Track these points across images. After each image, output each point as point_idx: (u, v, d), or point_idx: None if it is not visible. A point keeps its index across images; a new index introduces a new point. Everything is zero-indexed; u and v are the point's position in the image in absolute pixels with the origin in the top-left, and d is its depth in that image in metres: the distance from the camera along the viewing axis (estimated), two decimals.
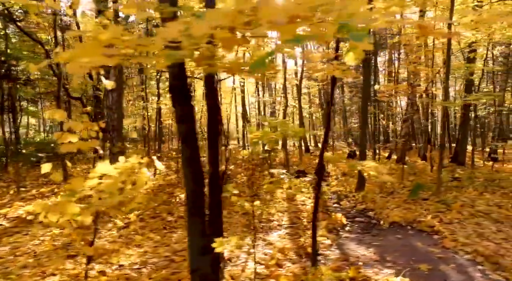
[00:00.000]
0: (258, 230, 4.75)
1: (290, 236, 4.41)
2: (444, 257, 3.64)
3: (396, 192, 6.77)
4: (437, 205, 5.47)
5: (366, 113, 6.76)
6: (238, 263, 3.54)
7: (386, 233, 4.53)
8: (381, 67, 21.78)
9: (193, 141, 1.84)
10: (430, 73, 8.80)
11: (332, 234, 4.48)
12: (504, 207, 5.35)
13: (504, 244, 3.97)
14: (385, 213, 5.18)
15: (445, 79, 5.78)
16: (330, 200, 6.50)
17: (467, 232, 4.34)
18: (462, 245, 3.87)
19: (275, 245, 4.02)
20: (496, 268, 3.36)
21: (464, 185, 7.59)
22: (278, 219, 5.21)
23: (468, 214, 4.98)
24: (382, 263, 3.46)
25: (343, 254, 3.73)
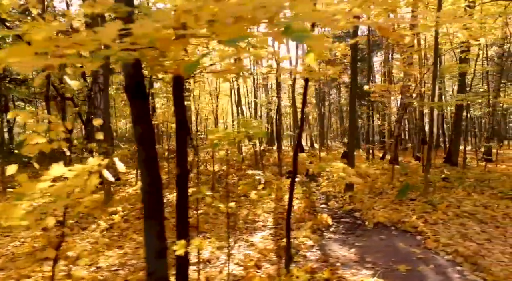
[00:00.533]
0: (242, 231, 4.74)
1: (273, 237, 4.40)
2: (425, 257, 3.64)
3: (385, 193, 6.78)
4: (423, 206, 5.48)
5: (354, 113, 6.76)
6: (217, 264, 3.52)
7: (370, 233, 4.53)
8: (378, 67, 21.83)
9: (149, 142, 1.82)
10: (419, 73, 8.81)
11: (316, 234, 4.47)
12: (490, 207, 5.37)
13: (486, 244, 3.98)
14: (371, 214, 5.18)
15: (433, 79, 5.79)
16: (318, 201, 6.50)
17: (451, 233, 4.34)
18: (443, 245, 3.87)
19: (257, 246, 4.01)
20: (475, 268, 3.36)
21: (454, 185, 7.61)
22: (263, 219, 5.20)
23: (453, 215, 4.99)
24: (361, 264, 3.46)
25: (324, 255, 3.72)
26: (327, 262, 3.50)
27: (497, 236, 4.26)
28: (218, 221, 5.18)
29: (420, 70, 8.64)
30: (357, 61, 6.39)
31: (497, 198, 6.26)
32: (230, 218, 5.30)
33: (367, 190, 7.16)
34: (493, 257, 3.60)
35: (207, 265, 3.50)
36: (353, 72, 6.56)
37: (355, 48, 6.38)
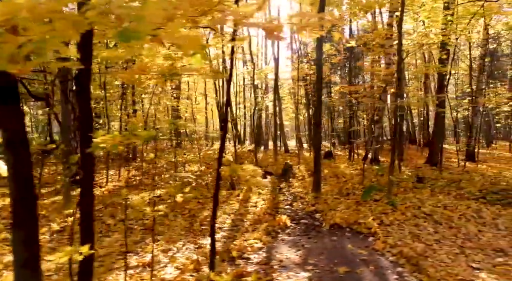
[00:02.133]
0: (196, 233, 4.72)
1: (226, 239, 4.39)
2: (369, 259, 3.66)
3: (353, 193, 6.82)
4: (385, 207, 5.52)
5: (319, 112, 6.78)
6: (156, 268, 3.49)
7: (323, 235, 4.55)
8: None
9: (19, 146, 1.77)
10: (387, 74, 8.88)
11: (269, 236, 4.47)
12: (450, 208, 5.43)
13: (435, 245, 4.02)
14: (330, 215, 5.20)
15: (396, 80, 5.84)
16: (284, 201, 6.50)
17: (403, 234, 4.38)
18: (390, 247, 3.90)
19: (205, 249, 3.98)
20: (415, 269, 3.39)
21: (425, 186, 7.69)
22: (221, 221, 5.17)
23: (411, 216, 5.03)
24: (302, 266, 3.46)
25: (268, 257, 3.72)
26: (267, 264, 3.50)
27: (448, 236, 4.31)
28: (176, 223, 5.14)
29: (388, 71, 8.72)
30: (320, 62, 6.41)
31: (463, 198, 6.35)
32: (190, 220, 5.28)
33: (337, 190, 7.20)
34: (438, 258, 3.64)
35: (145, 269, 3.46)
36: (318, 72, 6.59)
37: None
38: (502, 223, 4.80)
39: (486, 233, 4.44)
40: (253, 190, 7.37)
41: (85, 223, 2.20)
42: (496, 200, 6.33)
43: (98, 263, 3.64)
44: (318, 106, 6.70)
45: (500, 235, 4.42)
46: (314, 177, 6.89)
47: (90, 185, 2.22)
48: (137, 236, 4.59)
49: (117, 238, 4.47)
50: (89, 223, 2.23)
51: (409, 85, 22.16)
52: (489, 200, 6.31)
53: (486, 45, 14.40)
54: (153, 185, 7.29)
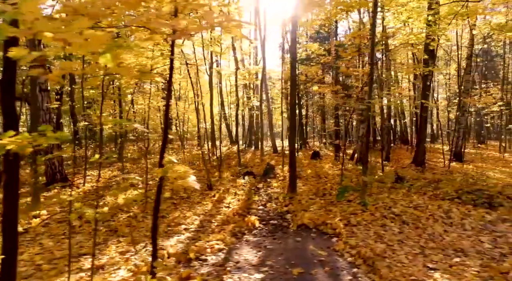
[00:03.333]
0: (161, 234, 4.68)
1: (189, 240, 4.36)
2: (327, 260, 3.66)
3: (329, 194, 6.83)
4: (356, 207, 5.54)
5: (294, 115, 6.78)
6: (109, 270, 3.46)
7: (289, 236, 4.54)
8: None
9: None
10: (363, 74, 8.92)
11: (234, 237, 4.45)
12: (421, 208, 5.46)
13: (396, 245, 4.03)
14: (299, 216, 5.19)
15: (369, 81, 5.85)
16: (259, 202, 6.49)
17: (368, 234, 4.39)
18: (350, 247, 3.91)
19: (167, 251, 3.95)
20: (370, 270, 3.40)
21: (404, 186, 7.72)
22: (190, 222, 5.15)
23: (380, 216, 5.05)
24: (257, 268, 3.45)
25: (225, 259, 3.70)
26: (222, 266, 3.48)
27: (412, 237, 4.33)
28: (143, 224, 5.10)
29: (363, 71, 8.75)
30: (294, 63, 6.42)
31: (437, 199, 6.39)
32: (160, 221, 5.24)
33: (314, 191, 7.21)
34: (396, 258, 3.65)
35: (98, 271, 3.43)
36: (292, 73, 6.59)
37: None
38: (469, 223, 4.84)
39: (451, 233, 4.47)
40: (230, 191, 7.36)
41: (7, 228, 2.16)
42: (471, 200, 6.38)
43: (51, 265, 3.60)
44: (293, 108, 6.70)
45: (465, 235, 4.45)
46: (290, 178, 6.89)
47: (14, 189, 2.18)
48: (100, 238, 4.54)
49: (79, 240, 4.42)
50: (12, 227, 2.19)
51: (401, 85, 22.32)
52: (464, 200, 6.36)
53: (472, 46, 14.54)
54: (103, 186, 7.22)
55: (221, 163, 12.74)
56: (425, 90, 11.19)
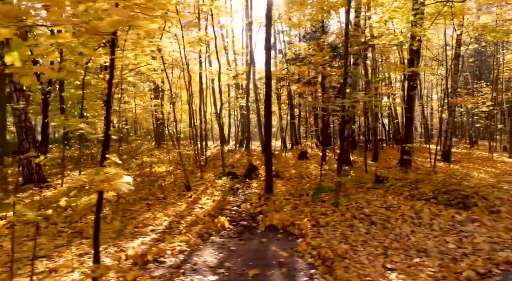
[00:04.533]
0: (127, 236, 4.64)
1: (153, 242, 4.32)
2: (286, 261, 3.65)
3: (306, 194, 6.83)
4: (329, 207, 5.54)
5: (269, 116, 6.76)
6: (62, 273, 3.41)
7: (256, 237, 4.53)
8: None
9: None
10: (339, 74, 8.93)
11: (200, 239, 4.42)
12: (393, 209, 5.48)
13: (360, 246, 4.04)
14: (270, 216, 5.18)
15: (344, 81, 5.86)
16: (235, 202, 6.46)
17: (334, 235, 4.39)
18: (312, 248, 3.90)
19: (126, 253, 3.91)
20: (327, 271, 3.40)
21: (384, 186, 7.74)
22: (158, 223, 5.11)
23: (350, 216, 5.05)
24: (213, 270, 3.43)
25: (184, 261, 3.67)
26: (178, 268, 3.45)
27: (378, 237, 4.34)
28: (110, 225, 5.05)
29: (340, 71, 8.76)
30: (268, 62, 6.43)
31: (413, 199, 6.41)
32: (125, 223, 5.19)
33: (293, 191, 7.20)
34: (356, 259, 3.65)
35: (50, 274, 3.38)
36: (267, 72, 6.58)
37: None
38: (438, 224, 4.86)
39: (417, 234, 4.49)
40: (207, 192, 7.33)
41: None
42: (447, 200, 6.42)
43: (4, 269, 3.54)
44: (268, 107, 6.67)
45: (432, 235, 4.47)
46: (266, 179, 6.88)
47: None
48: (63, 240, 4.49)
49: (41, 242, 4.36)
50: None
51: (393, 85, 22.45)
52: (440, 200, 6.39)
53: (459, 46, 14.66)
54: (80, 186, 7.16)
55: (206, 163, 12.72)
56: (410, 90, 11.24)
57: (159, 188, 7.67)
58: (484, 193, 6.77)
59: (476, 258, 3.67)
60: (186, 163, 13.27)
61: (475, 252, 3.90)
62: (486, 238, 4.35)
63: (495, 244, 4.16)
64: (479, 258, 3.67)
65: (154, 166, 12.35)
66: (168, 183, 8.74)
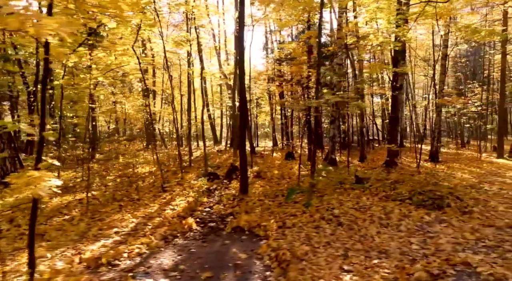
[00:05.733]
0: (89, 238, 4.58)
1: (114, 244, 4.27)
2: (243, 263, 3.63)
3: (282, 195, 6.80)
4: (299, 208, 5.52)
5: (244, 111, 6.73)
6: (10, 278, 3.35)
7: (220, 238, 4.50)
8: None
9: None
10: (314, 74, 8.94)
11: (163, 241, 4.39)
12: (364, 210, 5.47)
13: (322, 247, 4.02)
14: (238, 218, 5.15)
15: (316, 81, 5.85)
16: (208, 203, 6.42)
17: (298, 236, 4.37)
18: (272, 250, 3.88)
19: (80, 256, 3.84)
20: (281, 273, 3.37)
21: (363, 187, 7.74)
22: (124, 225, 5.05)
23: (318, 218, 5.04)
24: (166, 273, 3.39)
25: (139, 263, 3.63)
26: (131, 271, 3.41)
27: (342, 238, 4.33)
28: (76, 227, 4.99)
29: (312, 72, 8.78)
30: (241, 63, 6.42)
31: (388, 200, 6.41)
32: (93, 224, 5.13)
33: (269, 192, 7.17)
34: (314, 261, 3.64)
35: None
36: (240, 71, 6.57)
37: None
38: (406, 224, 4.87)
39: (383, 235, 4.48)
40: (183, 193, 7.28)
41: None
42: (421, 201, 6.44)
43: None
44: (243, 107, 6.65)
45: (397, 236, 4.46)
46: (241, 179, 6.85)
47: None
48: (23, 243, 4.42)
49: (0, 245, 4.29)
50: None
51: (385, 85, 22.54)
52: (414, 201, 6.41)
53: (446, 46, 14.77)
54: None
55: (191, 164, 12.65)
56: (394, 91, 11.28)
57: (135, 189, 7.60)
58: (459, 194, 6.81)
59: (435, 259, 3.67)
60: (171, 163, 13.21)
61: (436, 253, 3.91)
62: (451, 238, 4.36)
63: (458, 244, 4.17)
64: (438, 259, 3.67)
65: (138, 166, 12.27)
66: (147, 184, 8.68)
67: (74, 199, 6.87)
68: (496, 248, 4.03)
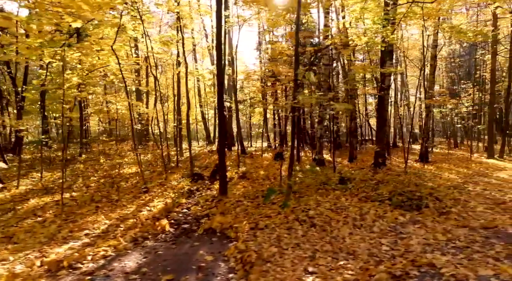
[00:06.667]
0: (58, 241, 4.52)
1: (82, 247, 4.22)
2: (208, 266, 3.60)
3: (261, 196, 6.78)
4: (275, 209, 5.50)
5: (221, 112, 6.69)
6: None
7: (190, 240, 4.46)
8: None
9: None
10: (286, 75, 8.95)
11: (133, 243, 4.35)
12: (340, 210, 5.47)
13: (290, 249, 4.00)
14: (212, 219, 5.12)
15: (294, 83, 5.84)
16: (186, 205, 6.38)
17: (270, 238, 4.35)
18: (239, 252, 3.86)
19: (42, 259, 3.79)
20: (244, 275, 3.35)
21: (346, 187, 7.75)
22: (96, 227, 5.00)
23: (292, 219, 5.02)
24: (127, 276, 3.36)
25: (102, 266, 3.59)
26: (91, 274, 3.37)
27: (313, 240, 4.31)
28: (46, 230, 4.92)
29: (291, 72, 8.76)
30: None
31: (367, 200, 6.41)
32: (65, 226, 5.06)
33: (251, 193, 7.15)
34: (280, 262, 3.62)
35: None
36: (218, 70, 6.54)
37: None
38: (379, 225, 4.87)
39: (355, 236, 4.48)
40: (164, 194, 7.24)
41: None
42: (400, 201, 6.45)
43: None
44: (220, 107, 6.60)
45: (369, 237, 4.46)
46: (220, 180, 6.82)
47: None
48: None
49: None
50: None
51: None
52: (394, 201, 6.42)
53: (436, 47, 14.86)
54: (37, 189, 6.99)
55: (178, 164, 12.59)
56: (380, 91, 11.31)
57: (116, 190, 7.54)
58: (440, 194, 6.83)
59: (401, 260, 3.67)
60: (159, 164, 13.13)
61: (405, 254, 3.91)
62: (422, 239, 4.37)
63: (428, 245, 4.18)
64: (405, 260, 3.67)
65: (125, 167, 12.20)
66: (129, 185, 8.62)
67: (52, 200, 6.80)
68: (465, 249, 4.04)
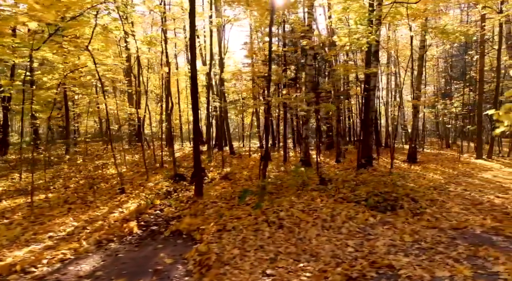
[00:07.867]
0: (20, 244, 4.45)
1: (42, 250, 4.16)
2: (165, 269, 3.56)
3: (238, 197, 6.75)
4: (247, 211, 5.48)
5: (196, 112, 6.64)
6: None
7: (155, 243, 4.42)
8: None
9: None
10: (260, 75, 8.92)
11: (96, 245, 4.29)
12: (311, 212, 5.45)
13: (252, 251, 3.98)
14: (180, 221, 5.08)
15: (267, 82, 5.82)
16: (160, 206, 6.33)
17: (235, 240, 4.32)
18: (199, 254, 3.82)
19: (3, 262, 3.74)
20: (200, 278, 3.32)
21: (325, 188, 7.74)
22: (61, 229, 4.93)
23: (261, 220, 5.00)
24: (80, 280, 3.30)
25: (56, 270, 3.53)
26: (42, 279, 3.32)
27: (278, 242, 4.29)
28: (9, 232, 4.84)
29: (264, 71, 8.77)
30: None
31: (343, 202, 6.41)
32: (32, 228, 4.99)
33: (227, 194, 7.12)
34: (239, 265, 3.60)
35: None
36: (192, 69, 6.50)
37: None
38: (348, 227, 4.86)
39: (322, 237, 4.47)
40: (140, 195, 7.18)
41: None
42: (376, 202, 6.46)
43: None
44: (195, 107, 6.55)
45: (336, 239, 4.45)
46: (195, 181, 6.78)
47: None
48: None
49: None
50: None
51: None
52: (369, 202, 6.43)
53: (424, 47, 14.95)
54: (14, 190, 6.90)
55: (162, 165, 12.52)
56: (364, 91, 11.34)
57: (93, 192, 7.47)
58: (417, 195, 6.86)
59: (362, 262, 3.66)
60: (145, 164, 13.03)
61: (368, 255, 3.90)
62: (388, 241, 4.37)
63: (393, 247, 4.18)
64: (366, 261, 3.66)
65: (110, 168, 12.09)
66: (109, 186, 8.53)
67: (25, 202, 6.71)
68: (429, 250, 4.05)
